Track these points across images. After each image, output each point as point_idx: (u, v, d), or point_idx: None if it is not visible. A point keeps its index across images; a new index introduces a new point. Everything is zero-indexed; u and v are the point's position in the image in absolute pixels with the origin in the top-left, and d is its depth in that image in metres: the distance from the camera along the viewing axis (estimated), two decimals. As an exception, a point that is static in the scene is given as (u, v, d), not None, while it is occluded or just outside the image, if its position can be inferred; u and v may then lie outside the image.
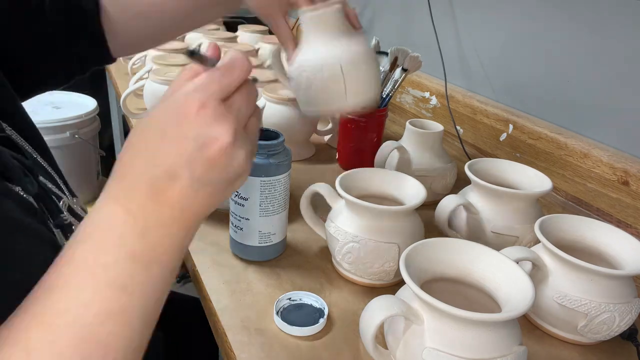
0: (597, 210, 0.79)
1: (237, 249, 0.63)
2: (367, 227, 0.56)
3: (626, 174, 0.74)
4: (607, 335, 0.52)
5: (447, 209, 0.63)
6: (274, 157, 0.57)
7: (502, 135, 0.95)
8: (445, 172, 0.78)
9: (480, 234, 0.64)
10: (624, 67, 0.77)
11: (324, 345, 0.51)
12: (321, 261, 0.64)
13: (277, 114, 0.85)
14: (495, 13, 0.98)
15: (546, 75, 0.90)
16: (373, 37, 0.87)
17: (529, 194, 0.63)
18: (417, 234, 0.58)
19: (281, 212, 0.61)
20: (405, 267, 0.44)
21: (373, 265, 0.57)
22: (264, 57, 1.23)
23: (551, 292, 0.52)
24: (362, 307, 0.45)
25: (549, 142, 0.86)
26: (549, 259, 0.53)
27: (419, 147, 0.77)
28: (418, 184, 0.61)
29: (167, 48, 1.16)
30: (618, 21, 0.77)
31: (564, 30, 0.85)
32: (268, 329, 0.52)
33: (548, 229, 0.55)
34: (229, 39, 1.29)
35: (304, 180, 0.83)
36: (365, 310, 0.44)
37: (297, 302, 0.55)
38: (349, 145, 0.85)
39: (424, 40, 1.14)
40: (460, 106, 1.05)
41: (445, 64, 1.06)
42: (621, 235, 0.55)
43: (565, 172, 0.84)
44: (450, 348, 0.41)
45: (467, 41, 1.06)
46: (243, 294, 0.57)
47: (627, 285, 0.52)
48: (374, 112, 0.82)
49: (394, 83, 0.83)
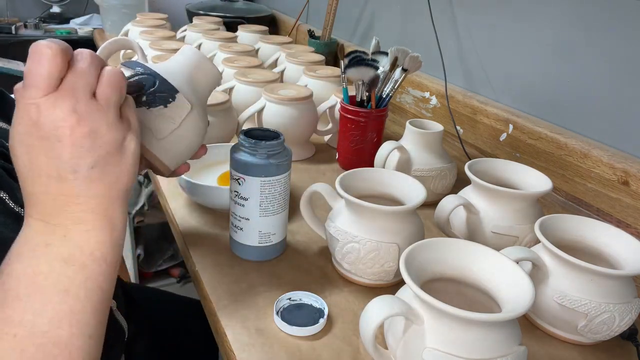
0: (597, 210, 0.79)
1: (237, 249, 0.63)
2: (367, 227, 0.56)
3: (626, 174, 0.74)
4: (607, 335, 0.52)
5: (447, 209, 0.63)
6: (274, 157, 0.57)
7: (502, 135, 0.95)
8: (445, 172, 0.78)
9: (480, 234, 0.64)
10: (624, 67, 0.77)
11: (324, 345, 0.51)
12: (321, 261, 0.64)
13: (277, 114, 0.85)
14: (495, 13, 0.98)
15: (546, 75, 0.90)
16: (373, 37, 0.87)
17: (529, 194, 0.63)
18: (417, 234, 0.58)
19: (281, 212, 0.61)
20: (405, 267, 0.44)
21: (373, 265, 0.57)
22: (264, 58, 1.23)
23: (551, 292, 0.52)
24: (362, 307, 0.45)
25: (549, 142, 0.86)
26: (549, 259, 0.53)
27: (419, 147, 0.77)
28: (418, 184, 0.61)
29: (166, 48, 1.16)
30: (618, 21, 0.77)
31: (564, 30, 0.85)
32: (268, 329, 0.52)
33: (548, 229, 0.55)
34: (229, 39, 1.29)
35: (304, 180, 0.83)
36: (365, 310, 0.44)
37: (297, 302, 0.55)
38: (349, 145, 0.85)
39: (424, 40, 1.14)
40: (460, 106, 1.05)
41: (445, 64, 1.06)
42: (621, 235, 0.55)
43: (565, 172, 0.84)
44: (450, 348, 0.41)
45: (467, 41, 1.06)
46: (243, 294, 0.57)
47: (627, 285, 0.52)
48: (374, 112, 0.82)
49: (394, 83, 0.83)
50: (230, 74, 1.01)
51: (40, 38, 1.90)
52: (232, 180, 0.59)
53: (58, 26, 2.01)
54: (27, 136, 0.35)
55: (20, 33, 1.90)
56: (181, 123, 0.48)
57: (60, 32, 1.94)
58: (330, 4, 1.38)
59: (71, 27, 2.01)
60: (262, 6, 1.94)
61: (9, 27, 1.87)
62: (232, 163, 0.58)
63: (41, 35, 1.92)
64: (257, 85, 0.95)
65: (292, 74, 1.10)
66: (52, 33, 1.94)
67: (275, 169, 0.57)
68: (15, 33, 1.88)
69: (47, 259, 0.35)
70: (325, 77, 1.01)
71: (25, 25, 1.95)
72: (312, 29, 1.51)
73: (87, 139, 0.35)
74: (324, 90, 0.99)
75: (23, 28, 1.94)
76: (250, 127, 0.61)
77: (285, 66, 1.12)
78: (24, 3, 2.08)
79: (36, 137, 0.34)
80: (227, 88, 0.96)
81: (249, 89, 0.95)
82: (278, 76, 1.00)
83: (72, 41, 1.93)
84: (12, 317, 0.33)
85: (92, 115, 0.35)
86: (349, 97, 0.84)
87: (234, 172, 0.58)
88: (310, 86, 0.99)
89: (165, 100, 0.47)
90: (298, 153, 0.90)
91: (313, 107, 0.90)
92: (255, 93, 0.93)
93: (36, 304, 0.34)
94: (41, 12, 2.08)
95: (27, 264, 0.34)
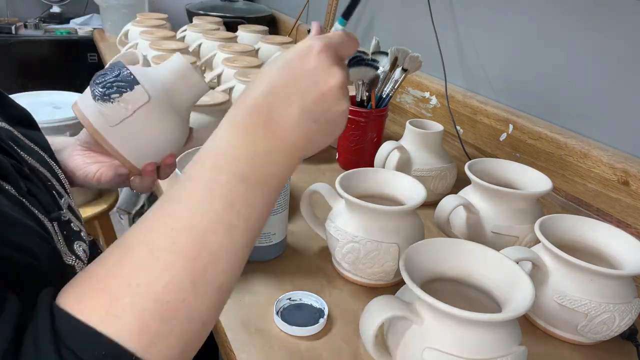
0: (597, 210, 0.79)
1: (237, 249, 0.63)
2: (367, 227, 0.56)
3: (626, 174, 0.74)
4: (607, 335, 0.52)
5: (447, 209, 0.63)
6: (274, 157, 0.57)
7: (502, 135, 0.95)
8: (445, 172, 0.78)
9: (480, 234, 0.64)
10: (624, 67, 0.77)
11: (324, 345, 0.51)
12: (321, 261, 0.64)
13: (277, 114, 0.85)
14: (495, 13, 0.98)
15: (546, 75, 0.90)
16: (373, 37, 0.87)
17: (529, 194, 0.63)
18: (417, 234, 0.58)
19: (281, 212, 0.61)
20: (405, 267, 0.44)
21: (373, 265, 0.57)
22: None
23: (551, 292, 0.52)
24: (362, 307, 0.45)
25: (549, 142, 0.86)
26: (549, 259, 0.53)
27: (419, 147, 0.77)
28: (418, 184, 0.61)
29: (166, 48, 1.16)
30: (618, 21, 0.77)
31: (564, 30, 0.85)
32: (268, 329, 0.52)
33: (548, 229, 0.55)
34: (229, 39, 1.29)
35: (304, 180, 0.83)
36: (365, 311, 0.44)
37: (297, 302, 0.55)
38: (349, 145, 0.85)
39: (424, 40, 1.14)
40: (460, 106, 1.05)
41: (445, 64, 1.06)
42: (621, 235, 0.55)
43: (565, 172, 0.84)
44: (450, 348, 0.41)
45: (467, 41, 1.06)
46: (243, 294, 0.57)
47: (627, 285, 0.52)
48: (374, 112, 0.82)
49: (394, 83, 0.83)
50: (230, 74, 1.01)
51: (40, 38, 1.91)
52: (232, 180, 0.59)
53: (58, 26, 2.01)
54: (294, 60, 0.38)
55: (20, 33, 1.91)
56: (135, 112, 0.50)
57: (60, 32, 1.94)
58: (330, 4, 1.38)
59: (71, 27, 2.01)
60: (262, 6, 1.94)
61: (9, 27, 1.87)
62: (232, 163, 0.58)
63: (41, 35, 1.92)
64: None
65: (292, 74, 1.10)
66: (52, 33, 1.94)
67: (275, 169, 0.57)
68: (15, 33, 1.88)
69: (228, 170, 0.36)
70: (325, 77, 1.01)
71: (25, 25, 1.95)
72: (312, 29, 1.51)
73: (332, 97, 0.39)
74: (324, 90, 0.98)
75: (23, 28, 1.94)
76: (250, 127, 0.61)
77: (285, 66, 1.12)
78: (24, 3, 2.08)
79: (300, 64, 0.38)
80: (227, 88, 0.96)
81: (249, 89, 0.95)
82: (278, 76, 1.00)
83: (72, 41, 1.94)
84: (178, 212, 0.35)
85: (346, 96, 0.41)
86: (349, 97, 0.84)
87: (234, 172, 0.58)
88: (310, 86, 0.98)
89: (121, 89, 0.50)
90: (298, 153, 0.90)
91: (313, 107, 0.90)
92: (255, 93, 0.93)
93: (199, 206, 0.35)
94: (41, 12, 2.08)
95: (207, 169, 0.36)
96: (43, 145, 0.54)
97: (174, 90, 0.52)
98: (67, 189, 0.53)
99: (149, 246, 0.34)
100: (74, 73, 1.91)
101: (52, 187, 0.50)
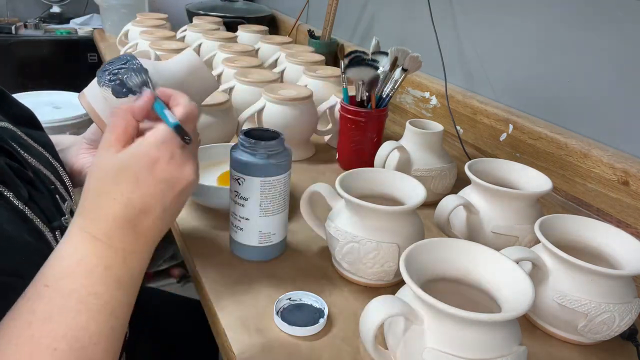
0: (597, 210, 0.79)
1: (237, 249, 0.63)
2: (367, 227, 0.56)
3: (626, 174, 0.74)
4: (607, 335, 0.52)
5: (447, 209, 0.63)
6: (274, 157, 0.57)
7: (502, 135, 0.95)
8: (445, 172, 0.78)
9: (480, 234, 0.64)
10: (625, 67, 0.77)
11: (324, 345, 0.51)
12: (321, 261, 0.64)
13: (277, 114, 0.85)
14: (495, 13, 0.98)
15: (546, 75, 0.90)
16: (373, 37, 0.87)
17: (529, 194, 0.63)
18: (417, 234, 0.58)
19: (281, 212, 0.61)
20: (405, 267, 0.44)
21: (373, 265, 0.57)
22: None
23: (551, 292, 0.52)
24: (362, 307, 0.45)
25: (549, 142, 0.86)
26: (549, 259, 0.53)
27: (419, 147, 0.77)
28: (418, 184, 0.61)
29: (166, 48, 1.16)
30: (618, 21, 0.77)
31: (564, 30, 0.85)
32: (268, 329, 0.52)
33: (548, 229, 0.55)
34: (229, 39, 1.29)
35: (304, 180, 0.83)
36: (365, 311, 0.44)
37: (297, 302, 0.55)
38: (349, 145, 0.85)
39: (424, 40, 1.14)
40: (460, 106, 1.05)
41: (445, 64, 1.06)
42: (621, 235, 0.55)
43: (565, 172, 0.84)
44: (450, 348, 0.41)
45: (467, 41, 1.06)
46: (243, 294, 0.57)
47: (627, 285, 0.52)
48: (374, 112, 0.82)
49: (394, 83, 0.83)
50: (230, 74, 1.01)
51: (40, 38, 1.91)
52: (232, 180, 0.59)
53: (58, 26, 2.01)
54: (141, 172, 0.39)
55: (20, 33, 1.90)
56: None
57: (60, 32, 1.94)
58: (330, 4, 1.38)
59: (71, 27, 2.01)
60: (262, 6, 1.94)
61: (9, 27, 1.87)
62: (232, 163, 0.58)
63: (41, 35, 1.92)
64: (257, 85, 0.95)
65: (292, 74, 1.10)
66: (52, 33, 1.94)
67: (275, 169, 0.57)
68: (15, 33, 1.88)
69: (105, 280, 0.38)
70: (325, 77, 1.01)
71: (25, 25, 1.95)
72: (312, 29, 1.51)
73: (189, 189, 0.42)
74: (324, 90, 0.99)
75: (23, 28, 1.94)
76: (250, 127, 0.61)
77: (285, 66, 1.12)
78: (24, 3, 2.08)
79: (152, 177, 0.40)
80: (227, 88, 0.96)
81: (249, 89, 0.95)
82: (278, 76, 1.00)
83: (72, 41, 1.94)
84: (56, 331, 0.35)
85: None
86: (349, 97, 0.84)
87: (234, 172, 0.58)
88: (310, 86, 0.99)
89: (128, 77, 0.50)
90: (298, 153, 0.90)
91: (313, 107, 0.90)
92: (255, 93, 0.93)
93: (82, 321, 0.36)
94: (41, 12, 2.08)
95: (80, 284, 0.37)
96: (47, 146, 0.54)
97: (183, 84, 0.52)
98: (70, 192, 0.53)
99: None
100: (74, 73, 1.91)
101: (56, 190, 0.50)
